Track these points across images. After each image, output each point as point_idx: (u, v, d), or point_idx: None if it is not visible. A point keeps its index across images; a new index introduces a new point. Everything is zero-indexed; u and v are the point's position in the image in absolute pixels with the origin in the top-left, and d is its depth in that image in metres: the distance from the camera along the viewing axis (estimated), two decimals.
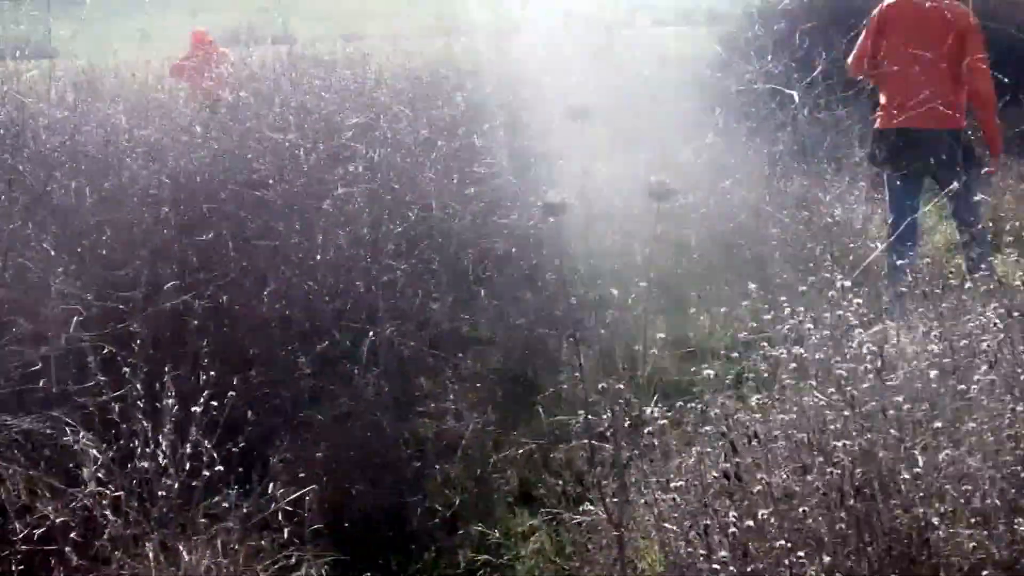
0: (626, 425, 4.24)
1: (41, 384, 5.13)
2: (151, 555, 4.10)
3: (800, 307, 4.35)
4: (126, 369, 4.80)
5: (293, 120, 7.53)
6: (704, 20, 14.95)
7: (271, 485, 4.64)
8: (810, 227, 8.31)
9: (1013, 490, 3.33)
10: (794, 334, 4.17)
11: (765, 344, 4.29)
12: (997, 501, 3.26)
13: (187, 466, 4.29)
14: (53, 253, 5.68)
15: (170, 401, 4.47)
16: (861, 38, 7.36)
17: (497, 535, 5.20)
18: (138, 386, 4.60)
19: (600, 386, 4.29)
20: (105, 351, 5.40)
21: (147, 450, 4.28)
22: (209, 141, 7.32)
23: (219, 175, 6.98)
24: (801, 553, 3.22)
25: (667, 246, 8.50)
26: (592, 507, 4.62)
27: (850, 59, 7.62)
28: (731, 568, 3.29)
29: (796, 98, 10.42)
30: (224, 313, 6.35)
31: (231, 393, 4.54)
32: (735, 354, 5.64)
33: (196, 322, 6.01)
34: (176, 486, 4.25)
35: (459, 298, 7.28)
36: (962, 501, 3.32)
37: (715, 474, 3.61)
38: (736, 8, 15.69)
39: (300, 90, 8.48)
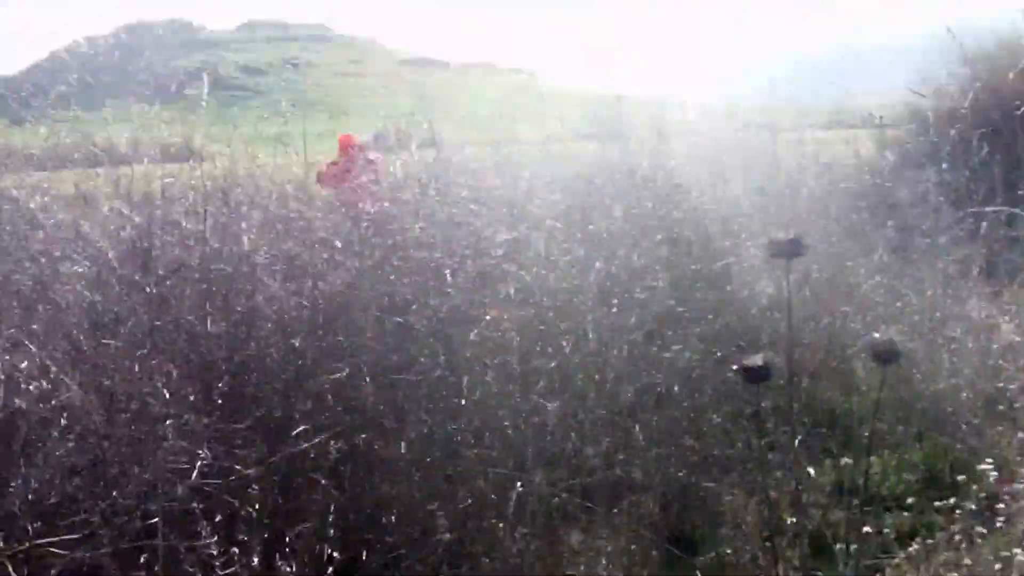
0: None
1: (152, 542, 4.53)
2: None
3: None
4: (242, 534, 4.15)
5: (439, 236, 6.93)
6: (871, 124, 13.94)
7: None
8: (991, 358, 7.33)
9: None
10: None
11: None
12: None
13: None
14: (171, 393, 5.10)
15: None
16: None
17: None
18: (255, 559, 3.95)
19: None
20: (224, 504, 4.77)
21: None
22: (350, 258, 6.74)
23: (359, 298, 6.36)
24: None
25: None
26: None
27: None
28: None
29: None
30: (360, 456, 5.69)
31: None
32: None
33: (327, 468, 5.35)
34: None
35: (615, 441, 6.46)
36: None
37: None
38: (906, 112, 14.65)
39: (447, 201, 7.92)
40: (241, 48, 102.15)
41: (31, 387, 4.93)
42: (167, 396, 5.10)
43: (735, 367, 5.29)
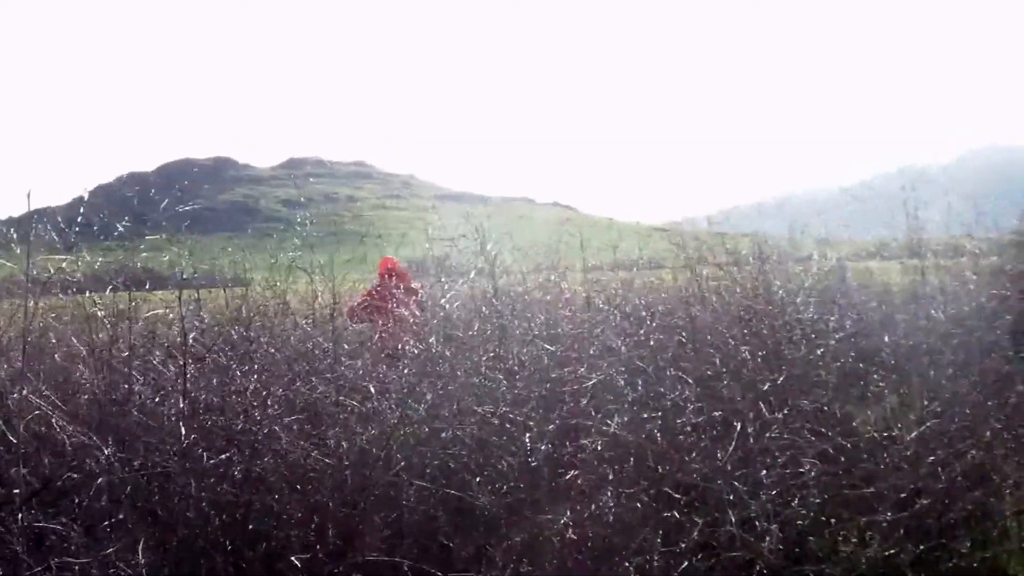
0: None
1: None
2: None
3: None
4: None
5: (505, 383, 5.29)
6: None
7: None
8: None
9: None
10: None
11: None
12: None
13: None
14: None
15: None
16: None
17: None
18: None
19: None
20: None
21: None
22: (383, 412, 5.11)
23: (394, 464, 4.70)
24: None
25: None
26: None
27: None
28: None
29: None
30: None
31: None
32: None
33: None
34: None
35: None
36: None
37: None
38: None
39: (513, 339, 6.33)
40: (282, 183, 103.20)
41: None
42: None
43: None
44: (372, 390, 5.50)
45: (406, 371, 5.73)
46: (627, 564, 4.43)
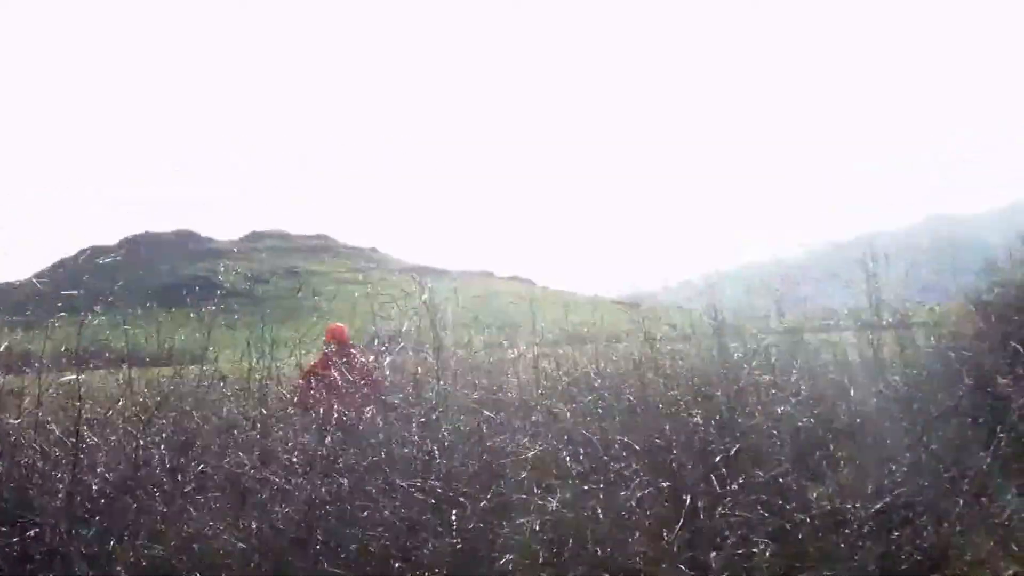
0: None
1: None
2: None
3: None
4: None
5: (439, 455, 4.92)
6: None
7: None
8: None
9: None
10: None
11: None
12: None
13: None
14: None
15: None
16: None
17: None
18: None
19: None
20: None
21: None
22: (311, 486, 4.72)
23: (311, 547, 4.30)
24: None
25: None
26: None
27: None
28: None
29: None
30: None
31: None
32: None
33: None
34: None
35: None
36: None
37: None
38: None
39: (451, 408, 5.97)
40: (244, 257, 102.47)
41: None
42: None
43: None
44: (295, 460, 5.10)
45: (328, 441, 5.32)
46: None
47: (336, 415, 5.96)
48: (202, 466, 5.30)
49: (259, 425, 6.18)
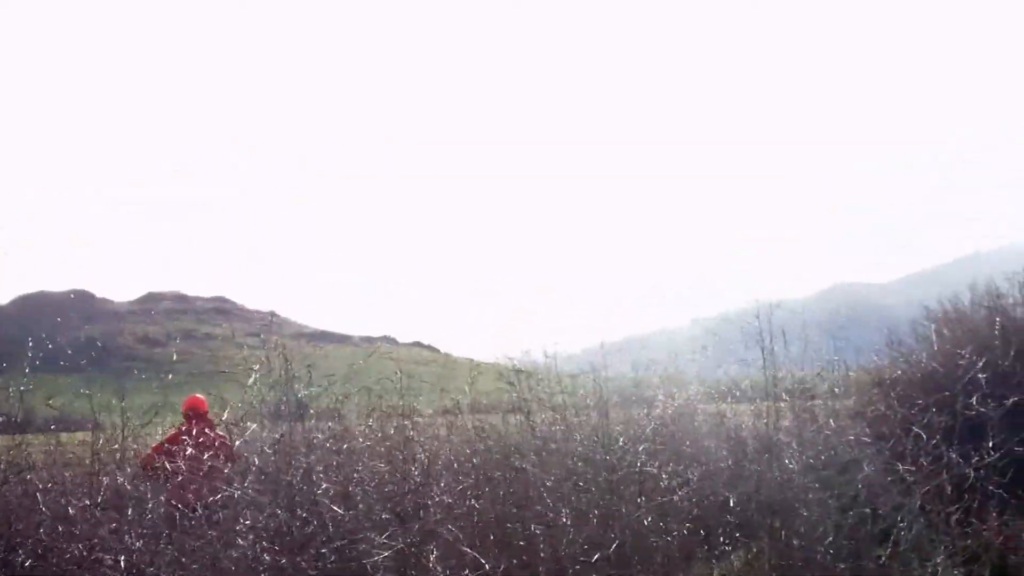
0: None
1: None
2: None
3: None
4: None
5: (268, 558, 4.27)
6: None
7: None
8: None
9: None
10: None
11: None
12: None
13: None
14: None
15: None
16: None
17: None
18: None
19: None
20: None
21: None
22: None
23: None
24: None
25: None
26: None
27: None
28: None
29: None
30: None
31: None
32: None
33: None
34: None
35: None
36: None
37: None
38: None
39: (306, 495, 5.32)
40: (140, 320, 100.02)
41: None
42: None
43: None
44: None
45: (140, 542, 4.63)
46: None
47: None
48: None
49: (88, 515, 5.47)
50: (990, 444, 6.99)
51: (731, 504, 6.43)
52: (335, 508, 4.94)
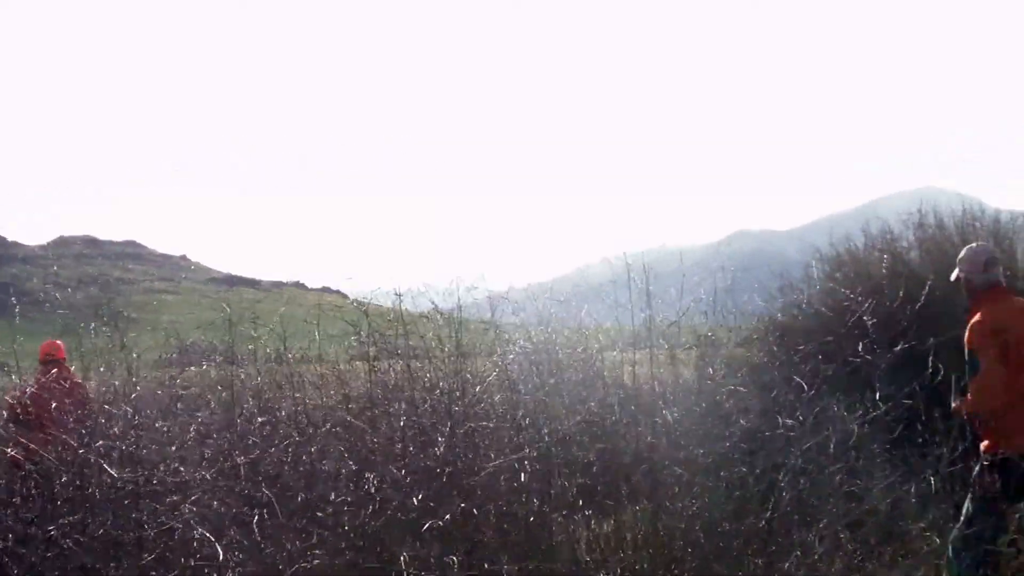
0: None
1: None
2: None
3: None
4: None
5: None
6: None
7: None
8: None
9: None
10: None
11: None
12: None
13: None
14: None
15: None
16: (985, 362, 5.46)
17: None
18: None
19: None
20: None
21: None
22: None
23: None
24: None
25: None
26: None
27: (980, 390, 5.49)
28: None
29: None
30: None
31: None
32: None
33: None
34: None
35: None
36: None
37: None
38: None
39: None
40: (51, 263, 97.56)
41: None
42: None
43: None
44: None
45: None
46: None
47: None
48: None
49: None
50: (876, 396, 6.57)
51: (591, 463, 5.90)
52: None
